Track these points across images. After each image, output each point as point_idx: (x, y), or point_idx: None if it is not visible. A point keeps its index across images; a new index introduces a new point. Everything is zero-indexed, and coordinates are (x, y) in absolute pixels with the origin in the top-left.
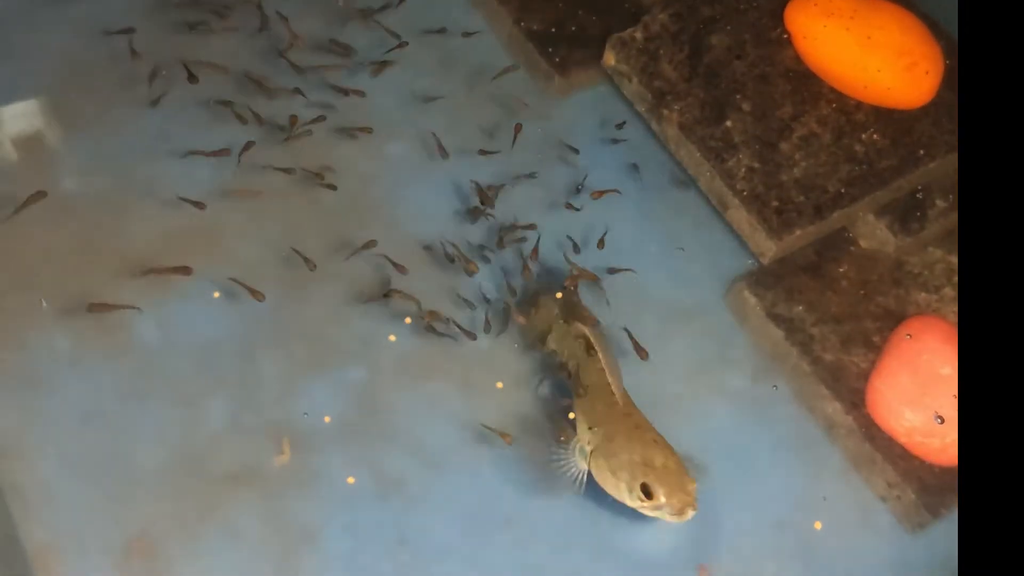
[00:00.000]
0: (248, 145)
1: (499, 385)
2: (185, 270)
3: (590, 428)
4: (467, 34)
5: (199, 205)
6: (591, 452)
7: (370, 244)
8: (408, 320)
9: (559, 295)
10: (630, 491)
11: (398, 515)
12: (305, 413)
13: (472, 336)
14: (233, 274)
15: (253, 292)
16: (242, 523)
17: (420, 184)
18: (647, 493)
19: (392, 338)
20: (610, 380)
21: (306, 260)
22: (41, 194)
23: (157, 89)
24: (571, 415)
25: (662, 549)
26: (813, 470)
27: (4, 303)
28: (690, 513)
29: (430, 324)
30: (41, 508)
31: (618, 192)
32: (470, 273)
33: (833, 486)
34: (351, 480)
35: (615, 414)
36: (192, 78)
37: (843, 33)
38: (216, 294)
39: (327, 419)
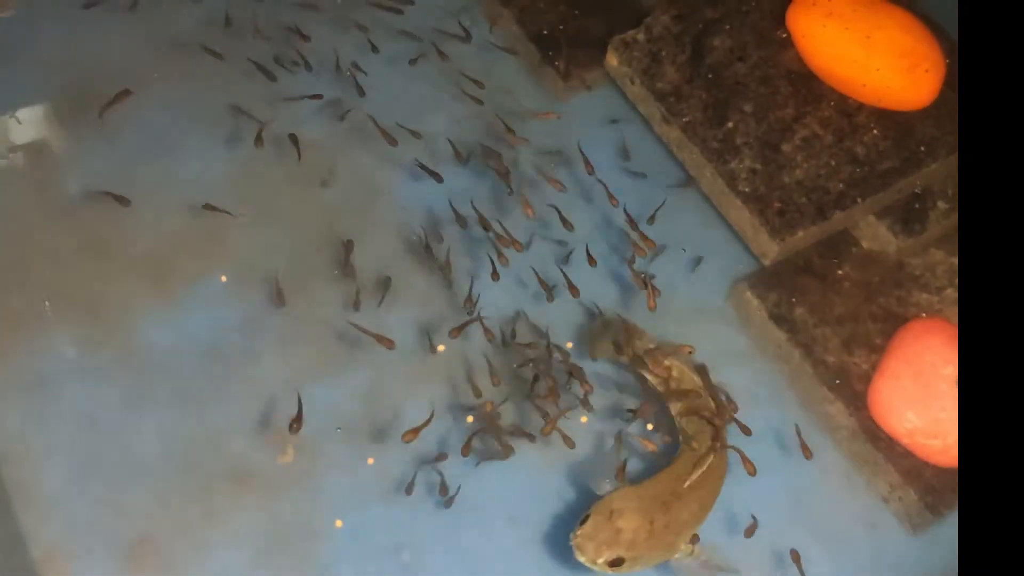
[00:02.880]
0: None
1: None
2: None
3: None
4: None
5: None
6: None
7: (350, 245)
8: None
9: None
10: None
11: (402, 516)
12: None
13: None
14: (237, 276)
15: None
16: (246, 524)
17: (424, 190)
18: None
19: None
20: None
21: (278, 291)
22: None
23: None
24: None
25: None
26: (815, 471)
27: (8, 305)
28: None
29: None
30: (47, 510)
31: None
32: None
33: (835, 487)
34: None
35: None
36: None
37: (843, 33)
38: (224, 278)
39: (335, 425)
